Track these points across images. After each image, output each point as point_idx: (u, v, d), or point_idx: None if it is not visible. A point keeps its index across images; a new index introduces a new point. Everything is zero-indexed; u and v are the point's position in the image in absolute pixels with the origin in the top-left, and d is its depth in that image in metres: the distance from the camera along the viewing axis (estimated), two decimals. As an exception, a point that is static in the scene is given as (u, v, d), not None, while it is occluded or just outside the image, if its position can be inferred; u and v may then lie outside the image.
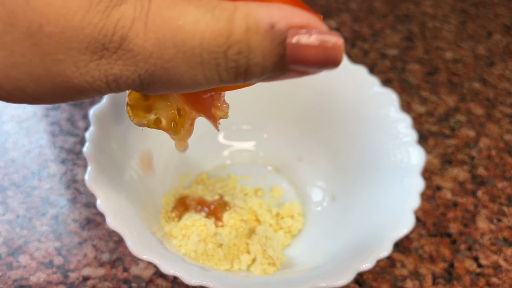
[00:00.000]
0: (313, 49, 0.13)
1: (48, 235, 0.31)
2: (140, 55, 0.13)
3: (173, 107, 0.18)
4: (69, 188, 0.34)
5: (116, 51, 0.13)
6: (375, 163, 0.29)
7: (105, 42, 0.13)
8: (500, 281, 0.30)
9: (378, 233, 0.24)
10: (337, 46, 0.13)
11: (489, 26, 0.54)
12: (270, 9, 0.13)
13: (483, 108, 0.43)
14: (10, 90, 0.14)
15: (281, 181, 0.34)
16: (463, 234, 0.33)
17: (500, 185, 0.37)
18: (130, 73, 0.14)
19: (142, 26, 0.13)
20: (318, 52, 0.13)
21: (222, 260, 0.28)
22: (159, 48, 0.13)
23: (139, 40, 0.13)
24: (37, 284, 0.28)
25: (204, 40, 0.13)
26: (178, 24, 0.13)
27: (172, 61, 0.13)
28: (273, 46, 0.13)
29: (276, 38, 0.13)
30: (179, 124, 0.18)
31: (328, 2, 0.56)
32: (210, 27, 0.13)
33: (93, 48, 0.13)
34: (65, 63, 0.13)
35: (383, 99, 0.30)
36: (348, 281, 0.22)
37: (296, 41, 0.13)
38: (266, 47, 0.13)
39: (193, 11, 0.13)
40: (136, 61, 0.13)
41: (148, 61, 0.13)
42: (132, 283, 0.29)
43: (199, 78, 0.14)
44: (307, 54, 0.13)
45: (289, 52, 0.13)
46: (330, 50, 0.13)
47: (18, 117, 0.38)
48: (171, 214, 0.30)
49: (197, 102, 0.18)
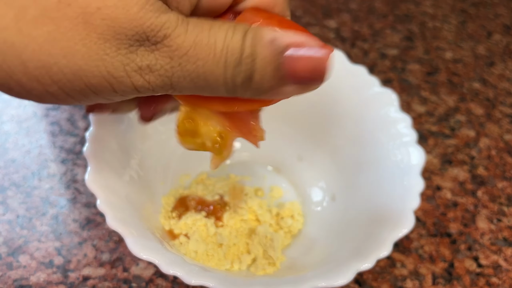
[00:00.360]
0: (305, 60, 0.16)
1: (48, 235, 0.31)
2: (178, 50, 0.16)
3: (215, 131, 0.20)
4: (69, 188, 0.34)
5: (156, 44, 0.16)
6: (375, 163, 0.29)
7: (150, 35, 0.15)
8: (500, 281, 0.30)
9: (378, 233, 0.24)
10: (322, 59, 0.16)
11: (489, 26, 0.54)
12: (275, 30, 0.16)
13: (483, 108, 0.43)
14: (35, 70, 0.15)
15: (281, 181, 0.34)
16: (463, 234, 0.33)
17: (500, 185, 0.37)
18: (164, 64, 0.16)
19: (184, 30, 0.16)
20: (309, 63, 0.16)
21: (222, 260, 0.28)
22: (195, 48, 0.16)
23: (179, 40, 0.16)
24: (37, 284, 0.28)
25: (230, 46, 0.16)
26: (210, 34, 0.16)
27: (203, 60, 0.16)
28: (272, 56, 0.16)
29: (275, 50, 0.16)
30: (221, 145, 0.21)
31: (328, 2, 0.56)
32: (233, 39, 0.16)
33: (138, 37, 0.15)
34: (108, 45, 0.15)
35: (383, 99, 0.30)
36: (348, 281, 0.22)
37: (291, 53, 0.16)
38: (266, 56, 0.16)
39: (222, 26, 0.16)
40: (173, 54, 0.16)
41: (183, 57, 0.16)
42: (132, 283, 0.29)
43: (220, 77, 0.16)
44: (299, 65, 0.16)
45: (286, 62, 0.16)
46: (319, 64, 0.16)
47: (18, 117, 0.38)
48: (171, 214, 0.30)
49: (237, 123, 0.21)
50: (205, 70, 0.16)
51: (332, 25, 0.52)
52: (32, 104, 0.40)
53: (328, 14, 0.54)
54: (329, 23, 0.52)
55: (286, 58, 0.16)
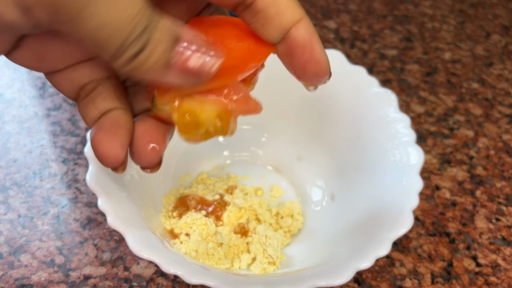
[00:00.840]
0: (193, 56, 0.16)
1: (50, 235, 0.31)
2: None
3: (213, 114, 0.20)
4: (70, 187, 0.34)
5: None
6: (374, 162, 0.29)
7: None
8: (499, 280, 0.30)
9: (377, 232, 0.24)
10: (211, 62, 0.16)
11: (487, 27, 0.54)
12: (178, 23, 0.16)
13: (481, 108, 0.44)
14: None
15: (281, 180, 0.34)
16: (461, 234, 0.33)
17: (499, 184, 0.37)
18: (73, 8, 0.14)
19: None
20: (196, 60, 0.16)
21: (222, 259, 0.28)
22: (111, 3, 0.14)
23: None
24: (39, 283, 0.28)
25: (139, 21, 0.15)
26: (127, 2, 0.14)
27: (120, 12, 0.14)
28: (167, 35, 0.16)
29: (169, 33, 0.16)
30: (223, 126, 0.20)
31: (328, 3, 0.56)
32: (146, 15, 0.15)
33: None
34: None
35: (382, 99, 0.30)
36: (347, 280, 0.22)
37: (184, 44, 0.16)
38: (163, 32, 0.16)
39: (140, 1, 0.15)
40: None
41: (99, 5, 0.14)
42: (133, 282, 0.29)
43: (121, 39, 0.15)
44: (187, 58, 0.16)
45: (177, 47, 0.16)
46: (205, 63, 0.16)
47: (20, 117, 0.39)
48: (171, 214, 0.30)
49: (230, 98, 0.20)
50: (114, 25, 0.15)
51: (331, 25, 0.52)
52: (33, 104, 0.40)
53: (328, 15, 0.54)
54: (328, 24, 0.52)
55: (179, 44, 0.16)
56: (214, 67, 0.17)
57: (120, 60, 0.16)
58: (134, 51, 0.15)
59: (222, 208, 0.30)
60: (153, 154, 0.20)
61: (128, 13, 0.14)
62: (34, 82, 0.42)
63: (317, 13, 0.54)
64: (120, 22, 0.14)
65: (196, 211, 0.30)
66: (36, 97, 0.40)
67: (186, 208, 0.30)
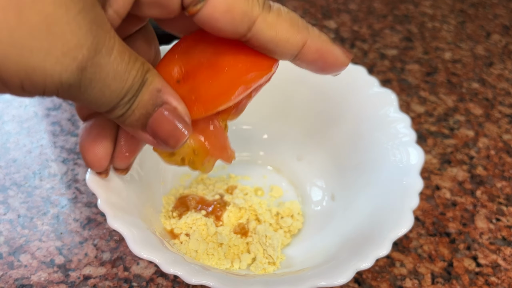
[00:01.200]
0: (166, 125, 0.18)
1: (49, 235, 0.31)
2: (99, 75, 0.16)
3: (190, 147, 0.21)
4: (70, 187, 0.34)
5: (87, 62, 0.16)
6: (374, 162, 0.29)
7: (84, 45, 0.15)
8: (499, 280, 0.30)
9: (377, 232, 0.24)
10: (180, 136, 0.19)
11: (488, 27, 0.54)
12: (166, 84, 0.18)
13: (482, 108, 0.44)
14: None
15: (281, 180, 0.34)
16: (462, 234, 0.33)
17: (499, 184, 0.37)
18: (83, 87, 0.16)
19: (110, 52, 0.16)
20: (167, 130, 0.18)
21: (222, 260, 0.28)
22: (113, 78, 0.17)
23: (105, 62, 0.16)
24: (38, 283, 0.28)
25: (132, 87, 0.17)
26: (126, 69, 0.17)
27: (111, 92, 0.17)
28: (149, 102, 0.18)
29: (153, 99, 0.18)
30: (196, 161, 0.22)
31: (328, 3, 0.56)
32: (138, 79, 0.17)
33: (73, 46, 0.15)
34: (41, 42, 0.14)
35: (382, 99, 0.30)
36: (347, 280, 0.22)
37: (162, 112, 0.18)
38: (143, 100, 0.18)
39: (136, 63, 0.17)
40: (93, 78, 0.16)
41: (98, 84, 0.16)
42: (132, 282, 0.29)
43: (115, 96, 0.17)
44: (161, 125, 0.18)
45: (154, 115, 0.18)
46: (175, 135, 0.18)
47: (19, 117, 0.39)
48: (171, 214, 0.30)
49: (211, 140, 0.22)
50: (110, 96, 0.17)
51: (331, 25, 0.52)
52: (33, 104, 0.40)
53: (328, 15, 0.54)
54: (328, 24, 0.52)
55: (156, 112, 0.18)
56: (180, 142, 0.19)
57: (109, 115, 0.18)
58: (121, 113, 0.18)
59: (222, 208, 0.30)
60: (126, 161, 0.23)
61: (117, 92, 0.17)
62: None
63: (317, 13, 0.54)
64: (111, 99, 0.17)
65: (196, 211, 0.30)
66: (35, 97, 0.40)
67: (186, 208, 0.30)
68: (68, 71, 0.15)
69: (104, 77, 0.16)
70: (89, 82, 0.16)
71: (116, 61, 0.16)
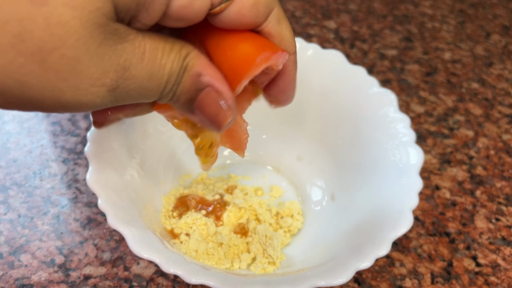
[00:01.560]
0: (211, 108, 0.19)
1: (50, 235, 0.31)
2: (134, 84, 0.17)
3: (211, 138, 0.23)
4: (70, 187, 0.34)
5: (117, 80, 0.16)
6: (374, 162, 0.29)
7: (111, 70, 0.16)
8: (499, 280, 0.30)
9: (377, 232, 0.24)
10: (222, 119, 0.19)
11: (487, 27, 0.54)
12: (209, 68, 0.18)
13: (481, 108, 0.44)
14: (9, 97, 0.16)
15: (281, 180, 0.34)
16: (461, 234, 0.33)
17: (499, 184, 0.37)
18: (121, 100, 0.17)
19: (141, 61, 0.17)
20: (213, 112, 0.19)
21: (222, 259, 0.28)
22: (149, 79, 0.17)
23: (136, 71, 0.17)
24: (39, 283, 0.28)
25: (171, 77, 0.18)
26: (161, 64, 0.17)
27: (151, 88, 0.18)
28: (191, 88, 0.18)
29: (195, 84, 0.18)
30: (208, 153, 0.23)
31: (328, 3, 0.56)
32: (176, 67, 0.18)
33: (100, 75, 0.16)
34: (68, 83, 0.15)
35: (382, 99, 0.30)
36: (347, 279, 0.22)
37: (206, 96, 0.18)
38: (186, 86, 0.18)
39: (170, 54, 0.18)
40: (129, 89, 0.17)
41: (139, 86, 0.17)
42: (133, 282, 0.29)
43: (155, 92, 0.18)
44: (206, 108, 0.19)
45: (198, 99, 0.19)
46: (220, 116, 0.19)
47: (20, 117, 0.39)
48: (171, 214, 0.30)
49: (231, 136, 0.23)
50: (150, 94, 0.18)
51: (331, 25, 0.52)
52: (33, 104, 0.40)
53: (328, 15, 0.54)
54: (328, 24, 0.52)
55: (200, 96, 0.18)
56: (225, 122, 0.19)
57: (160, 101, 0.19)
58: (166, 100, 0.19)
59: (222, 208, 0.30)
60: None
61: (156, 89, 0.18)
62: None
63: (317, 13, 0.54)
64: (151, 95, 0.18)
65: (196, 211, 0.30)
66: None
67: (186, 208, 0.30)
68: (100, 96, 0.16)
69: (139, 83, 0.17)
70: (125, 93, 0.17)
71: (150, 63, 0.17)
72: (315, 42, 0.48)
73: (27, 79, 0.15)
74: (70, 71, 0.15)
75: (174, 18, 0.18)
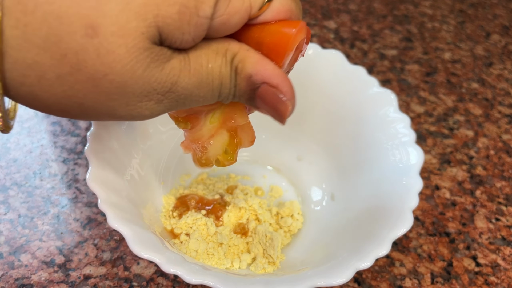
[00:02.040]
0: (268, 104, 0.19)
1: (50, 234, 0.31)
2: (183, 93, 0.18)
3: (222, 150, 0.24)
4: (70, 187, 0.34)
5: (164, 94, 0.18)
6: (374, 162, 0.29)
7: (157, 87, 0.18)
8: (499, 280, 0.30)
9: (377, 232, 0.24)
10: (283, 112, 0.19)
11: (487, 27, 0.54)
12: (258, 64, 0.19)
13: (481, 108, 0.44)
14: (58, 112, 0.18)
15: (281, 180, 0.34)
16: (461, 233, 0.33)
17: (499, 184, 0.37)
18: (171, 105, 0.19)
19: (187, 73, 0.18)
20: (270, 108, 0.19)
21: (222, 259, 0.28)
22: (198, 88, 0.18)
23: (184, 83, 0.18)
24: (39, 283, 0.28)
25: (223, 81, 0.19)
26: (208, 71, 0.18)
27: (204, 94, 0.19)
28: (247, 90, 0.19)
29: (249, 85, 0.19)
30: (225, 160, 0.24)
31: (328, 3, 0.56)
32: (225, 72, 0.19)
33: (147, 93, 0.18)
34: (118, 101, 0.17)
35: (382, 99, 0.30)
36: (347, 279, 0.22)
37: (261, 95, 0.19)
38: (242, 88, 0.19)
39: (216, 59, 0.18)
40: (179, 97, 0.18)
41: (188, 96, 0.19)
42: (133, 282, 0.29)
43: (213, 100, 0.20)
44: (264, 106, 0.19)
45: (256, 98, 0.19)
46: (278, 111, 0.19)
47: (20, 117, 0.39)
48: (171, 214, 0.30)
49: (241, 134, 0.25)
50: (203, 99, 0.19)
51: (331, 25, 0.52)
52: (33, 104, 0.40)
53: (328, 15, 0.54)
54: (328, 24, 0.52)
55: (257, 95, 0.19)
56: (287, 114, 0.19)
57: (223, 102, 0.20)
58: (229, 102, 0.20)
59: (222, 208, 0.30)
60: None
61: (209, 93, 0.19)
62: (34, 82, 0.42)
63: (317, 13, 0.54)
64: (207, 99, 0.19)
65: (196, 211, 0.30)
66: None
67: (186, 208, 0.30)
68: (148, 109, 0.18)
69: (189, 93, 0.18)
70: (175, 102, 0.19)
71: (196, 72, 0.18)
72: (315, 42, 0.48)
73: (84, 101, 0.17)
74: (119, 93, 0.17)
75: (215, 34, 0.19)
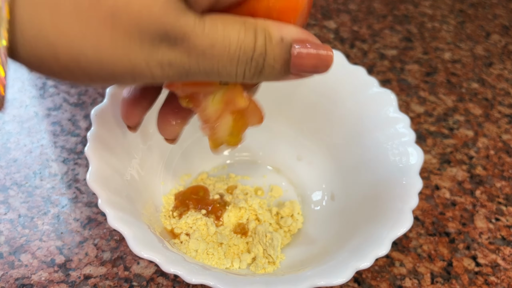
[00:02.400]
0: (309, 57, 0.19)
1: (50, 234, 0.31)
2: (196, 49, 0.17)
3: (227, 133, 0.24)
4: (70, 187, 0.34)
5: (176, 43, 0.17)
6: (374, 162, 0.29)
7: (171, 33, 0.17)
8: (499, 280, 0.30)
9: (377, 232, 0.24)
10: (328, 56, 0.19)
11: (487, 27, 0.54)
12: (281, 27, 0.18)
13: (481, 108, 0.44)
14: (66, 61, 0.16)
15: (281, 180, 0.34)
16: (461, 233, 0.33)
17: (499, 184, 0.37)
18: (183, 60, 0.18)
19: (201, 31, 0.17)
20: (312, 59, 0.19)
21: (222, 259, 0.28)
22: (211, 48, 0.18)
23: (198, 40, 0.17)
24: (39, 283, 0.28)
25: (242, 46, 0.18)
26: (224, 34, 0.18)
27: (218, 57, 0.18)
28: (282, 53, 0.18)
29: (283, 48, 0.18)
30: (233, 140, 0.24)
31: (328, 3, 0.56)
32: (245, 39, 0.18)
33: (160, 36, 0.17)
34: (132, 41, 0.17)
35: (382, 99, 0.30)
36: (347, 279, 0.22)
37: (298, 51, 0.18)
38: (276, 53, 0.18)
39: (234, 25, 0.18)
40: (191, 53, 0.18)
41: (200, 55, 0.18)
42: (133, 281, 0.29)
43: (232, 71, 0.19)
44: (304, 61, 0.19)
45: (293, 59, 0.18)
46: (322, 58, 0.19)
47: (20, 117, 0.39)
48: (171, 213, 0.30)
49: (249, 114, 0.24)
50: (219, 66, 0.18)
51: (331, 25, 0.52)
52: (33, 104, 0.40)
53: (328, 15, 0.54)
54: (328, 24, 0.53)
55: (293, 55, 0.18)
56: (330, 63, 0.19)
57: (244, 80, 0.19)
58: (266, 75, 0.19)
59: (222, 208, 0.30)
60: (174, 131, 0.25)
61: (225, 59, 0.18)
62: (35, 82, 0.42)
63: (317, 13, 0.54)
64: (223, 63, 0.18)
65: (196, 211, 0.30)
66: (36, 97, 0.40)
67: (186, 208, 0.30)
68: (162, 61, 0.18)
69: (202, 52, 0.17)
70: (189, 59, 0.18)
71: (210, 34, 0.17)
72: (315, 42, 0.48)
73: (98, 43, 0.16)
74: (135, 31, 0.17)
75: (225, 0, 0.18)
